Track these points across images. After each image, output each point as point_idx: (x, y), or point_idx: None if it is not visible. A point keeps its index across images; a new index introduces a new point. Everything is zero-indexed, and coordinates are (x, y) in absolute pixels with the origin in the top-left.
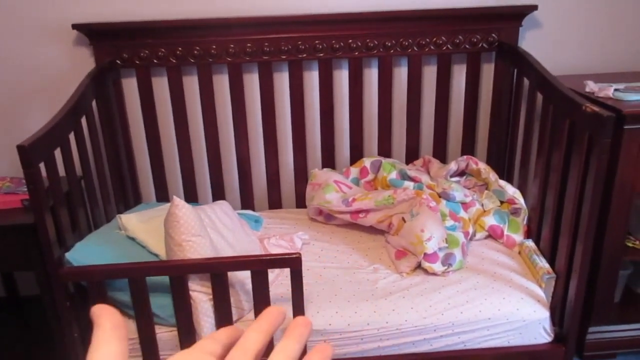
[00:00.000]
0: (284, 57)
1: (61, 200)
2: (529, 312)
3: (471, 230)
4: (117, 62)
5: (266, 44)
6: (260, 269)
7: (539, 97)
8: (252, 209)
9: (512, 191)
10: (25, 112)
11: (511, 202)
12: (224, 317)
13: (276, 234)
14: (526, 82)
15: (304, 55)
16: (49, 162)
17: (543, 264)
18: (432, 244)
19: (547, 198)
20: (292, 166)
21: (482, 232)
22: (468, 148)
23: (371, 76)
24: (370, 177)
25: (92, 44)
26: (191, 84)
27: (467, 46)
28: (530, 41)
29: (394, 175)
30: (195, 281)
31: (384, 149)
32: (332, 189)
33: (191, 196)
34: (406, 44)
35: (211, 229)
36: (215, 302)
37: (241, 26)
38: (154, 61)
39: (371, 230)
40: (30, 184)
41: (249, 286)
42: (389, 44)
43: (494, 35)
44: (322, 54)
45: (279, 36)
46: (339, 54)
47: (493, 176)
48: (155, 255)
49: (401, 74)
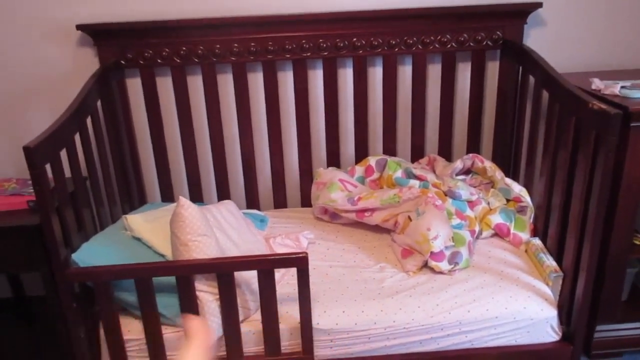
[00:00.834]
0: (288, 56)
1: (67, 201)
2: (536, 310)
3: (477, 229)
4: (122, 62)
5: (270, 43)
6: (266, 268)
7: (545, 94)
8: (258, 208)
9: (518, 189)
10: (30, 112)
11: (517, 200)
12: (230, 317)
13: (282, 233)
14: (531, 79)
15: (308, 54)
16: (54, 163)
17: (550, 262)
18: (438, 243)
19: (553, 196)
20: (297, 165)
21: (489, 230)
22: (473, 146)
23: (375, 75)
24: (375, 175)
25: (96, 44)
26: (195, 84)
27: (471, 44)
28: (535, 39)
29: (399, 173)
30: (201, 281)
31: (389, 148)
32: (337, 187)
33: (196, 196)
34: (410, 42)
35: (217, 229)
36: (222, 302)
37: (245, 25)
38: (158, 61)
39: (377, 229)
40: (36, 185)
41: (255, 286)
42: (393, 43)
43: (498, 33)
44: (326, 53)
45: (283, 35)
46: (343, 53)
47: (499, 174)
48: (162, 256)
49: (406, 72)
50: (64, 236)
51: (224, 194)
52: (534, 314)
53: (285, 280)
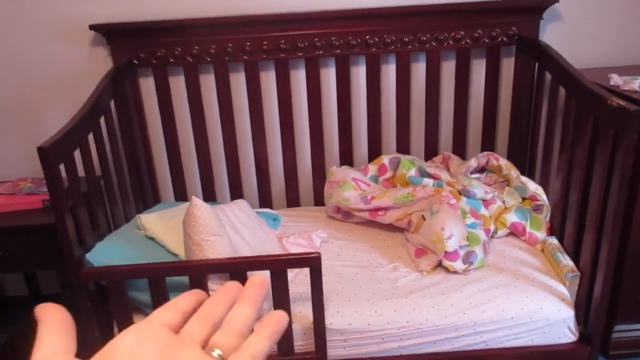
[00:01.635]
0: (300, 54)
1: (81, 201)
2: (552, 311)
3: (492, 228)
4: (134, 61)
5: (282, 41)
6: (279, 268)
7: (562, 91)
8: (270, 207)
9: (534, 187)
10: (45, 112)
11: (533, 198)
12: None
13: (294, 232)
14: (548, 76)
15: (321, 52)
16: (68, 162)
17: (567, 261)
18: (453, 242)
19: (570, 194)
20: (309, 164)
21: (504, 229)
22: (488, 144)
23: (389, 72)
24: (388, 174)
25: (109, 43)
26: (208, 83)
27: (486, 40)
28: (552, 34)
29: (413, 172)
30: (214, 281)
31: (403, 146)
32: (350, 186)
33: (209, 195)
34: (424, 39)
35: (229, 228)
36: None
37: (257, 24)
38: (171, 60)
39: (390, 228)
40: (50, 184)
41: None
42: (406, 40)
43: (514, 28)
44: (339, 51)
45: (295, 33)
46: (356, 50)
47: (514, 172)
48: (175, 255)
49: (419, 69)
50: (78, 235)
51: (236, 193)
52: (550, 314)
53: (299, 279)
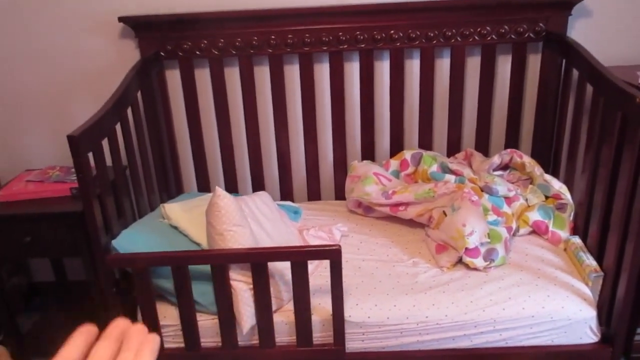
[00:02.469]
0: (324, 48)
1: (108, 189)
2: (574, 310)
3: (514, 226)
4: (161, 53)
5: (307, 35)
6: (300, 260)
7: (589, 88)
8: (292, 200)
9: (558, 186)
10: (73, 103)
11: (557, 197)
12: (263, 307)
13: (315, 225)
14: (575, 73)
15: (345, 46)
16: (96, 152)
17: (590, 261)
18: (474, 239)
19: (595, 193)
20: (331, 158)
21: (526, 227)
22: (512, 141)
23: (413, 67)
24: (410, 169)
25: (137, 36)
26: (232, 75)
27: (512, 36)
28: (580, 31)
29: (434, 168)
30: (236, 270)
31: (425, 142)
32: (372, 181)
33: (232, 187)
34: (449, 34)
35: (251, 219)
36: (255, 291)
37: (282, 17)
38: (197, 53)
39: (411, 223)
40: (79, 172)
41: (288, 277)
42: (431, 35)
43: (541, 24)
44: (363, 45)
45: (319, 27)
46: (380, 45)
47: (538, 170)
48: (197, 244)
49: (443, 65)
50: (104, 223)
51: (258, 185)
52: (572, 314)
53: (319, 272)
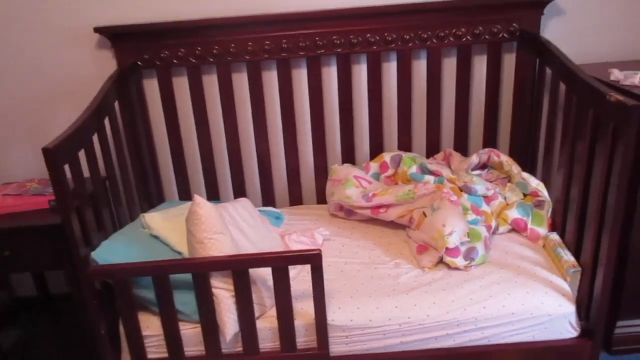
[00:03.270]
0: (302, 53)
1: (86, 201)
2: (554, 306)
3: (494, 224)
4: (139, 63)
5: (284, 41)
6: (280, 265)
7: (562, 87)
8: (273, 205)
9: (535, 183)
10: (51, 114)
11: (535, 194)
12: (246, 314)
13: (297, 230)
14: (549, 71)
15: (322, 51)
16: (73, 163)
17: (568, 257)
18: (454, 239)
19: (571, 190)
20: (312, 162)
21: (505, 225)
22: (490, 140)
23: (390, 70)
24: (390, 171)
25: (113, 46)
26: (211, 83)
27: (487, 36)
28: (553, 30)
29: (414, 169)
30: (217, 278)
31: (404, 143)
32: (352, 184)
33: (213, 194)
34: (425, 36)
35: (232, 226)
36: (238, 298)
37: (259, 24)
38: (174, 61)
39: (392, 225)
40: (56, 185)
41: (270, 282)
42: (407, 37)
43: (515, 24)
44: (340, 49)
45: (296, 33)
46: (357, 49)
47: (516, 168)
48: (179, 253)
49: (420, 67)
50: (84, 235)
51: (240, 191)
52: (551, 309)
53: (301, 276)
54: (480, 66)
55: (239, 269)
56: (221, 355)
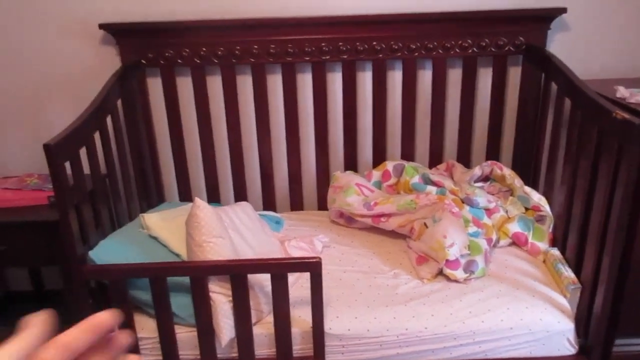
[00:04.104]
0: (307, 58)
1: (85, 199)
2: (552, 322)
3: (494, 237)
4: (142, 61)
5: (290, 45)
6: (280, 272)
7: (567, 102)
8: (274, 210)
9: (537, 198)
10: (53, 109)
11: (536, 209)
12: (243, 319)
13: (297, 236)
14: (554, 86)
15: (328, 57)
16: (74, 161)
17: (568, 273)
18: (454, 251)
19: (573, 206)
20: (314, 168)
21: (506, 239)
22: (493, 153)
23: (395, 79)
24: (392, 180)
25: (118, 43)
26: (214, 84)
27: (493, 49)
28: (559, 44)
29: (416, 179)
30: (215, 282)
31: (407, 153)
32: (354, 191)
33: (213, 196)
34: (431, 46)
35: (232, 230)
36: (235, 304)
37: (265, 27)
38: (178, 61)
39: (392, 234)
40: (55, 182)
41: (268, 289)
42: (413, 47)
43: (521, 38)
44: (345, 56)
45: (302, 37)
46: (362, 56)
47: (518, 182)
48: (177, 255)
49: (425, 77)
50: (81, 233)
51: (241, 194)
52: (550, 326)
53: (300, 283)
54: (485, 78)
55: (237, 274)
56: None
